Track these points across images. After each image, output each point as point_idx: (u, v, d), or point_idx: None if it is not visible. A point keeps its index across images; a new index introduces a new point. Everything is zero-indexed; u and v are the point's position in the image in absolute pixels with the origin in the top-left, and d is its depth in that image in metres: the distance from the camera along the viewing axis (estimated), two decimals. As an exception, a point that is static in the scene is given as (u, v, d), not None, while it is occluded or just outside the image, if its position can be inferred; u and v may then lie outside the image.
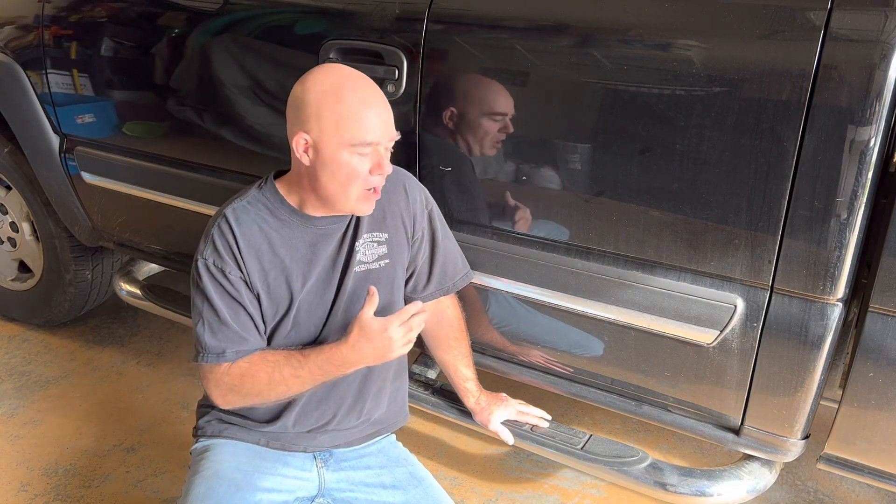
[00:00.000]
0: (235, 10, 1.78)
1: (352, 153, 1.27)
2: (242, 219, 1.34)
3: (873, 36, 1.11)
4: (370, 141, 1.27)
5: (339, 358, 1.30)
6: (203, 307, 1.34)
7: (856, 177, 1.16)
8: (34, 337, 2.69)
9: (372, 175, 1.29)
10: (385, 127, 1.29)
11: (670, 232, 1.35)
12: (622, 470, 1.55)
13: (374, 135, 1.27)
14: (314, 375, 1.32)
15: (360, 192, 1.31)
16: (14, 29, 2.21)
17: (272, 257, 1.35)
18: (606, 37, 1.34)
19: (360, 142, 1.26)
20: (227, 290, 1.33)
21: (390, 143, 1.32)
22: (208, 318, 1.34)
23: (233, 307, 1.34)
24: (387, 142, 1.30)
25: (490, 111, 1.48)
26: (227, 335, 1.33)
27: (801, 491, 1.97)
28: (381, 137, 1.28)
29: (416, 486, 1.48)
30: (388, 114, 1.30)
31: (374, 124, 1.27)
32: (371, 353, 1.30)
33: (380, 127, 1.28)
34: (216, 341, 1.33)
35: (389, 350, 1.30)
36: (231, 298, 1.33)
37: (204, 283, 1.33)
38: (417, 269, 1.53)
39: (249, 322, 1.35)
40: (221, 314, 1.33)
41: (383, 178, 1.32)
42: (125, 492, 1.95)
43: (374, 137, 1.27)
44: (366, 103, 1.27)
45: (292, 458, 1.47)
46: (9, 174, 2.44)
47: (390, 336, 1.28)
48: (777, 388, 1.36)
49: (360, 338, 1.29)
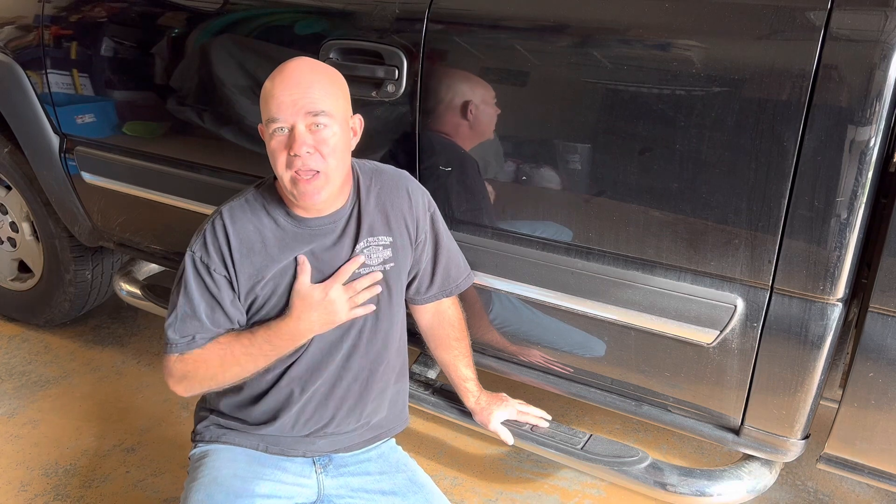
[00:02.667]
0: (235, 10, 1.78)
1: (271, 134, 1.26)
2: (238, 217, 1.35)
3: (873, 36, 1.11)
4: (276, 118, 1.24)
5: (285, 331, 1.31)
6: (179, 299, 1.34)
7: (856, 177, 1.16)
8: (34, 337, 2.69)
9: (290, 156, 1.25)
10: (290, 103, 1.24)
11: (670, 232, 1.34)
12: (622, 470, 1.55)
13: (279, 111, 1.24)
14: (264, 351, 1.32)
15: (288, 178, 1.27)
16: (14, 29, 2.21)
17: (265, 256, 1.34)
18: (606, 37, 1.34)
19: (268, 118, 1.26)
20: (208, 287, 1.33)
21: (313, 120, 1.25)
22: (182, 310, 1.34)
23: (210, 304, 1.34)
24: (302, 119, 1.24)
25: (490, 111, 1.48)
26: (198, 328, 1.33)
27: (801, 491, 1.97)
28: (284, 113, 1.24)
29: (415, 492, 1.47)
30: (302, 89, 1.25)
31: (281, 101, 1.24)
32: (317, 320, 1.31)
33: (285, 103, 1.24)
34: (180, 334, 1.33)
35: (335, 314, 1.31)
36: (210, 296, 1.33)
37: (187, 276, 1.34)
38: (420, 271, 1.53)
39: (224, 321, 1.35)
40: (196, 309, 1.33)
41: (306, 161, 1.25)
42: (125, 492, 1.95)
43: (279, 114, 1.24)
44: (280, 82, 1.26)
45: (291, 463, 1.46)
46: (9, 174, 2.44)
47: (332, 299, 1.30)
48: (777, 388, 1.36)
49: (303, 308, 1.30)
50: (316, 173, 1.27)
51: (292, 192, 1.28)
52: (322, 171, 1.27)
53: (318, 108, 1.25)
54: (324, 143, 1.26)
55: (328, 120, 1.27)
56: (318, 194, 1.28)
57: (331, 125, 1.27)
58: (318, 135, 1.26)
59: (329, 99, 1.28)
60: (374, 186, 1.43)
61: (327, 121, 1.26)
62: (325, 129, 1.26)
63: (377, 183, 1.44)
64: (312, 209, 1.35)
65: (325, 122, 1.26)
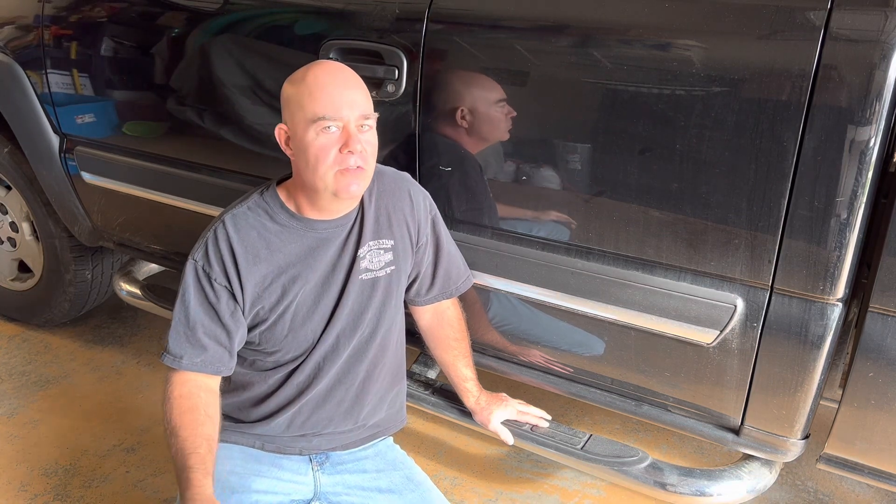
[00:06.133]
0: (235, 10, 1.78)
1: (317, 132, 1.26)
2: (241, 224, 1.34)
3: (873, 36, 1.11)
4: (327, 115, 1.25)
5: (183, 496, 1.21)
6: (179, 309, 1.34)
7: (856, 177, 1.16)
8: (34, 337, 2.69)
9: (342, 154, 1.26)
10: (347, 103, 1.26)
11: (670, 232, 1.34)
12: (622, 470, 1.55)
13: (332, 109, 1.25)
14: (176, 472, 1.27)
15: (332, 173, 1.27)
16: (14, 29, 2.21)
17: (270, 261, 1.34)
18: (606, 37, 1.34)
19: (318, 117, 1.25)
20: (208, 297, 1.33)
21: (363, 122, 1.28)
22: (179, 320, 1.34)
23: (209, 314, 1.33)
24: (354, 119, 1.26)
25: (490, 111, 1.48)
26: (191, 341, 1.33)
27: (801, 491, 1.97)
28: (340, 112, 1.25)
29: (412, 490, 1.47)
30: (352, 91, 1.28)
31: (332, 99, 1.25)
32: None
33: (338, 102, 1.25)
34: (177, 345, 1.33)
35: None
36: (209, 305, 1.33)
37: (187, 285, 1.34)
38: (421, 274, 1.53)
39: (219, 331, 1.33)
40: (191, 317, 1.32)
41: (357, 158, 1.27)
42: (125, 492, 1.95)
43: (332, 112, 1.25)
44: (324, 80, 1.27)
45: (287, 460, 1.46)
46: (9, 174, 2.44)
47: None
48: (777, 388, 1.36)
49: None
50: (360, 169, 1.29)
51: (333, 189, 1.28)
52: (365, 169, 1.30)
53: (368, 111, 1.29)
54: (370, 143, 1.30)
55: (373, 122, 1.31)
56: (357, 187, 1.30)
57: (373, 128, 1.31)
58: (366, 135, 1.29)
59: (370, 102, 1.31)
60: (376, 189, 1.43)
61: (372, 122, 1.31)
62: (369, 131, 1.30)
63: (379, 186, 1.44)
64: (336, 208, 1.35)
65: (371, 123, 1.31)
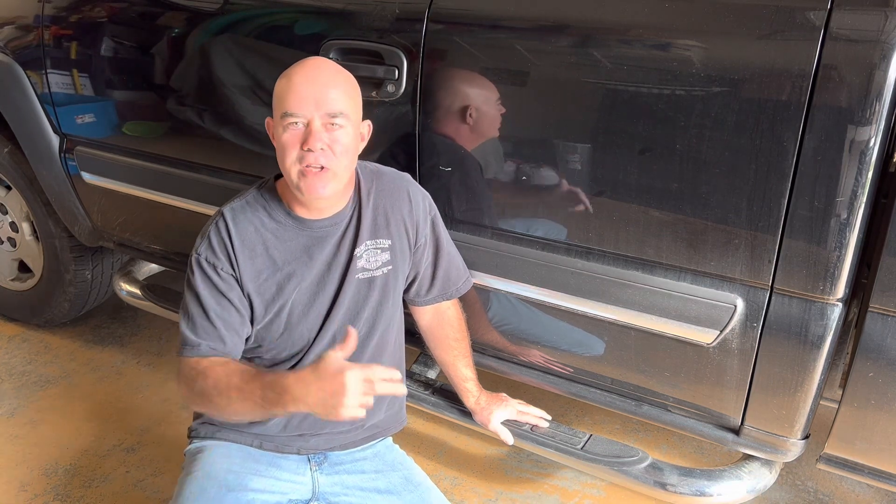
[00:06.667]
0: (235, 10, 1.78)
1: (284, 127, 1.27)
2: (239, 219, 1.35)
3: (873, 36, 1.11)
4: (292, 112, 1.25)
5: (281, 385, 1.18)
6: (190, 302, 1.34)
7: (856, 177, 1.16)
8: (34, 337, 2.69)
9: (302, 150, 1.26)
10: (314, 100, 1.25)
11: (670, 232, 1.34)
12: (622, 470, 1.55)
13: (296, 106, 1.25)
14: (255, 397, 1.21)
15: (296, 171, 1.28)
16: (14, 29, 2.21)
17: (266, 258, 1.35)
18: (606, 37, 1.34)
19: (284, 112, 1.26)
20: (217, 286, 1.33)
21: (330, 120, 1.27)
22: (193, 312, 1.34)
23: (221, 303, 1.33)
24: (320, 116, 1.26)
25: (490, 111, 1.48)
26: (207, 330, 1.33)
27: (801, 491, 1.97)
28: (304, 109, 1.25)
29: (411, 490, 1.47)
30: (324, 89, 1.27)
31: (300, 95, 1.25)
32: (315, 393, 1.14)
33: (306, 98, 1.25)
34: (195, 335, 1.33)
35: (338, 396, 1.12)
36: (220, 294, 1.33)
37: (195, 278, 1.34)
38: (420, 274, 1.53)
39: (235, 318, 1.34)
40: (207, 309, 1.33)
41: (319, 157, 1.26)
42: (125, 492, 1.95)
43: (296, 109, 1.25)
44: (298, 78, 1.27)
45: (285, 460, 1.46)
46: (9, 174, 2.44)
47: (343, 381, 1.11)
48: (777, 388, 1.36)
49: (312, 372, 1.16)
50: (324, 169, 1.28)
51: (298, 187, 1.29)
52: (331, 169, 1.28)
53: (337, 109, 1.27)
54: (337, 142, 1.28)
55: (344, 121, 1.29)
56: (324, 188, 1.29)
57: (346, 126, 1.29)
58: (333, 134, 1.28)
59: (346, 101, 1.30)
60: (375, 189, 1.43)
61: (343, 122, 1.29)
62: (339, 129, 1.28)
63: (378, 185, 1.44)
64: (315, 207, 1.35)
65: (342, 122, 1.28)
